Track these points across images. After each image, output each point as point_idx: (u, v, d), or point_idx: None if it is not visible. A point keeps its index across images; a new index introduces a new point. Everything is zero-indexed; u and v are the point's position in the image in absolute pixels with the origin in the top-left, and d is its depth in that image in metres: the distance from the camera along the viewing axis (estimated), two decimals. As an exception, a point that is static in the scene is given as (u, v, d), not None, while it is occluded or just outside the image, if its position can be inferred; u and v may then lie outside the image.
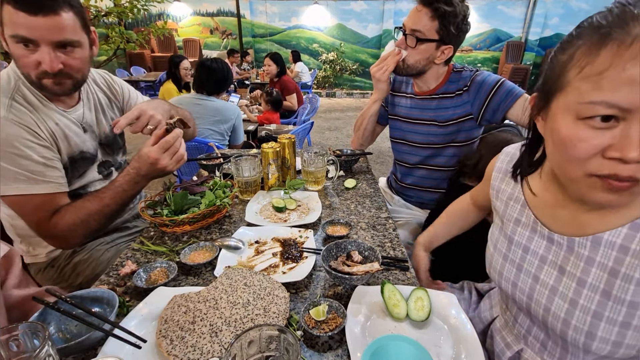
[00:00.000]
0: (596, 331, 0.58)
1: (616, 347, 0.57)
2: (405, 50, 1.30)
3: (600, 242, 0.58)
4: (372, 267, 0.78)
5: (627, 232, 0.55)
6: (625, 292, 0.55)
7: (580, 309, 0.59)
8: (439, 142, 1.40)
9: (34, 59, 0.90)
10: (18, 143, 0.92)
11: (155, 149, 0.95)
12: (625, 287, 0.55)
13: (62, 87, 0.98)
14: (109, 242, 1.21)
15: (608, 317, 0.56)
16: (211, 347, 0.61)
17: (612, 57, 0.45)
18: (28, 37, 0.88)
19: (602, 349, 0.58)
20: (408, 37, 1.28)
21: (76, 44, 0.95)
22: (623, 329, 0.56)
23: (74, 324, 0.69)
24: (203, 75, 2.39)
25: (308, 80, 7.09)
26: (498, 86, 1.24)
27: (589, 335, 0.59)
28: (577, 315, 0.60)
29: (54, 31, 0.89)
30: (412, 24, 1.26)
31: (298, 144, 2.77)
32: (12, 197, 0.93)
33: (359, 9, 8.89)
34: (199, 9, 9.16)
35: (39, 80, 0.94)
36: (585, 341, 0.59)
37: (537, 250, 0.68)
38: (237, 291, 0.73)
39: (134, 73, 7.70)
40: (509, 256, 0.73)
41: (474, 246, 1.08)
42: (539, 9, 8.25)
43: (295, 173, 1.36)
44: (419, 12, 1.24)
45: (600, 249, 0.58)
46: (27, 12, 0.85)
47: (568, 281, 0.62)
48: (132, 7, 3.10)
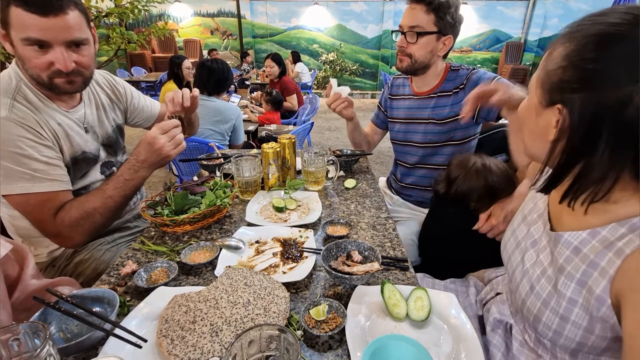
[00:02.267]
0: (541, 316, 0.63)
1: (557, 335, 0.61)
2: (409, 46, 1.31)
3: (560, 240, 0.62)
4: (372, 267, 0.78)
5: (585, 237, 0.58)
6: (567, 289, 0.59)
7: (535, 294, 0.65)
8: (437, 140, 1.41)
9: (46, 59, 0.91)
10: (21, 143, 0.92)
11: (154, 129, 1.00)
12: (567, 285, 0.59)
13: (73, 85, 0.99)
14: (110, 242, 1.21)
15: (552, 307, 0.61)
16: (212, 346, 0.61)
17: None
18: (41, 39, 0.88)
19: (545, 333, 0.63)
20: (408, 34, 1.30)
21: (85, 41, 0.96)
22: (562, 321, 0.60)
23: (75, 324, 0.69)
24: (204, 76, 2.40)
25: (308, 80, 7.10)
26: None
27: (536, 319, 0.64)
28: (531, 299, 0.66)
29: (65, 31, 0.90)
30: (409, 22, 1.29)
31: (298, 144, 2.77)
32: (16, 196, 0.94)
33: (358, 9, 8.90)
34: (199, 9, 9.17)
35: (51, 80, 0.95)
36: (533, 322, 0.66)
37: (533, 234, 0.72)
38: (238, 291, 0.73)
39: (134, 73, 7.71)
40: (515, 231, 0.77)
41: (477, 240, 1.09)
42: (539, 10, 8.26)
43: (295, 173, 1.36)
44: (414, 9, 1.28)
45: (558, 247, 0.62)
46: (38, 13, 0.86)
47: (536, 269, 0.68)
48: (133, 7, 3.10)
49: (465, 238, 1.15)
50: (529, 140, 0.65)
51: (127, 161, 1.03)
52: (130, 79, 6.91)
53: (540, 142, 0.60)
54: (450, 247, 1.21)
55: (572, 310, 0.58)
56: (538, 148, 0.61)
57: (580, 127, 0.51)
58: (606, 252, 0.54)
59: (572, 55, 0.52)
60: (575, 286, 0.58)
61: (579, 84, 0.51)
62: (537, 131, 0.60)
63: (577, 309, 0.58)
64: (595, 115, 0.49)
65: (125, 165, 1.03)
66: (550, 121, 0.56)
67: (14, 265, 0.77)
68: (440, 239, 1.25)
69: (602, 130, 0.49)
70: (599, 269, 0.54)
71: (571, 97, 0.51)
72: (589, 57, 0.50)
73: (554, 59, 0.55)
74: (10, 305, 0.69)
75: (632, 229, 0.52)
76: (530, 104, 0.62)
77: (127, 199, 1.04)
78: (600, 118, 0.49)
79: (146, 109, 1.37)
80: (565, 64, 0.52)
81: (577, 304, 0.58)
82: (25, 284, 0.76)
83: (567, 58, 0.52)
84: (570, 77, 0.52)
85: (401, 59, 1.36)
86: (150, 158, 1.01)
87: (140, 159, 1.01)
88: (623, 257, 0.51)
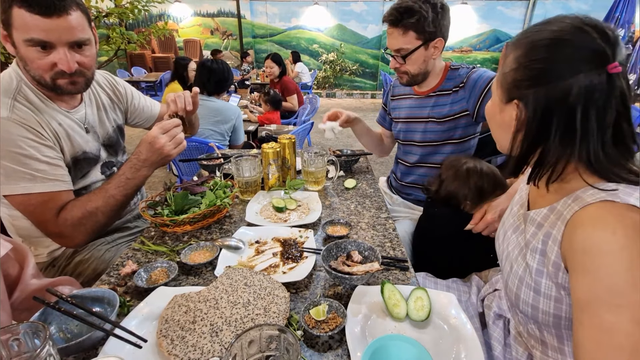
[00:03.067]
0: (520, 293, 0.68)
1: (535, 311, 0.66)
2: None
3: (527, 219, 0.70)
4: (372, 267, 0.78)
5: (545, 213, 0.66)
6: (533, 261, 0.65)
7: (513, 273, 0.71)
8: (437, 139, 1.42)
9: (49, 60, 0.91)
10: (22, 143, 0.92)
11: (155, 129, 1.01)
12: (534, 257, 0.66)
13: (76, 86, 0.99)
14: (110, 241, 1.21)
15: (526, 282, 0.67)
16: (212, 346, 0.61)
17: None
18: (44, 40, 0.88)
19: (526, 310, 0.68)
20: (396, 58, 1.33)
21: (87, 42, 0.96)
22: (536, 294, 0.65)
23: (75, 324, 0.69)
24: (204, 76, 2.40)
25: (308, 80, 7.09)
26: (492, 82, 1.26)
27: (517, 297, 0.69)
28: (511, 278, 0.71)
29: (68, 31, 0.90)
30: (393, 46, 1.31)
31: (298, 144, 2.77)
32: (18, 197, 0.94)
33: (358, 9, 8.90)
34: (199, 9, 9.17)
35: (54, 81, 0.95)
36: (515, 302, 0.70)
37: (516, 221, 0.78)
38: (238, 291, 0.73)
39: (134, 73, 7.71)
40: (504, 223, 0.83)
41: (477, 240, 1.09)
42: (538, 10, 8.26)
43: (295, 173, 1.36)
44: (392, 34, 1.29)
45: (526, 224, 0.70)
46: (41, 14, 0.85)
47: (515, 250, 0.73)
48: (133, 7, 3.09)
49: (457, 240, 1.16)
50: (496, 134, 0.74)
51: (128, 160, 1.04)
52: (130, 79, 6.91)
53: (505, 134, 0.68)
54: (443, 249, 1.22)
55: (541, 282, 0.64)
56: (505, 140, 0.69)
57: (535, 117, 0.60)
58: (557, 222, 0.61)
59: (521, 58, 0.61)
60: (539, 257, 0.65)
61: (530, 81, 0.60)
62: (502, 125, 0.69)
63: (544, 280, 0.64)
64: (546, 106, 0.58)
65: (126, 165, 1.03)
66: (511, 115, 0.64)
67: (14, 264, 0.77)
68: (433, 240, 1.26)
69: (553, 118, 0.58)
70: (551, 237, 0.62)
71: (525, 93, 0.61)
72: (536, 58, 0.59)
73: (508, 63, 0.64)
74: (11, 305, 0.69)
75: (575, 199, 0.60)
76: (494, 103, 0.71)
77: (129, 197, 1.05)
78: (550, 108, 0.58)
79: (146, 110, 1.37)
80: (516, 66, 0.62)
81: (543, 274, 0.64)
82: (26, 284, 0.76)
83: (517, 61, 0.62)
84: (522, 76, 0.61)
85: (400, 77, 1.39)
86: (151, 157, 1.02)
87: (141, 158, 1.02)
88: (565, 222, 0.59)
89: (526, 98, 0.61)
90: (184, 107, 1.11)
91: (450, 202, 1.15)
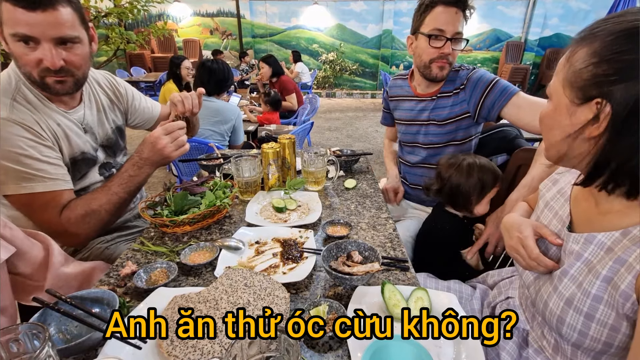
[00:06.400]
0: (565, 317, 0.63)
1: (582, 336, 0.61)
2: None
3: (592, 241, 0.63)
4: (372, 268, 0.78)
5: (617, 237, 0.59)
6: (592, 286, 0.60)
7: (558, 294, 0.66)
8: (439, 141, 1.41)
9: (34, 56, 0.90)
10: (22, 143, 0.92)
11: (158, 129, 1.02)
12: (592, 282, 0.60)
13: (63, 85, 0.98)
14: (109, 241, 1.21)
15: (576, 306, 0.62)
16: (211, 347, 0.61)
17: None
18: (28, 34, 0.87)
19: (570, 335, 0.63)
20: (455, 41, 1.27)
21: (76, 39, 0.94)
22: (587, 320, 0.60)
23: (75, 325, 0.69)
24: (204, 76, 2.40)
25: (308, 80, 7.09)
26: (493, 84, 1.26)
27: (560, 320, 0.65)
28: (554, 300, 0.66)
29: (53, 27, 0.88)
30: (456, 28, 1.25)
31: (298, 144, 2.77)
32: (20, 196, 0.94)
33: (358, 9, 8.89)
34: (198, 9, 9.16)
35: (42, 79, 0.94)
36: (556, 324, 0.66)
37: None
38: (238, 291, 0.73)
39: (134, 74, 7.69)
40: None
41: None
42: (539, 9, 8.25)
43: (295, 173, 1.36)
44: (457, 14, 1.24)
45: (590, 247, 0.63)
46: (26, 8, 0.84)
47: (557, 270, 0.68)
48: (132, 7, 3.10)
49: (461, 248, 1.20)
50: (561, 142, 0.63)
51: (130, 158, 1.05)
52: (130, 79, 6.89)
53: (575, 142, 0.60)
54: (446, 253, 1.23)
55: (597, 308, 0.59)
56: (575, 149, 0.61)
57: (622, 116, 0.53)
58: (634, 248, 0.55)
59: (602, 51, 0.54)
60: (601, 283, 0.59)
61: (618, 76, 0.53)
62: (571, 130, 0.60)
63: (602, 306, 0.58)
64: (638, 102, 0.51)
65: (128, 162, 1.04)
66: (586, 117, 0.57)
67: (39, 249, 0.80)
68: (436, 245, 1.26)
69: None
70: (625, 264, 0.56)
71: (611, 90, 0.53)
72: (623, 49, 0.52)
73: (579, 59, 0.57)
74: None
75: None
76: (559, 108, 0.62)
77: (132, 195, 1.06)
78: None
79: (147, 111, 1.37)
80: (597, 60, 0.55)
81: (602, 301, 0.58)
82: (56, 271, 0.77)
83: (597, 55, 0.55)
84: (606, 71, 0.54)
85: (442, 66, 1.29)
86: (152, 157, 1.03)
87: (143, 156, 1.03)
88: None
89: (611, 95, 0.53)
90: (191, 109, 1.11)
91: (457, 200, 1.17)
